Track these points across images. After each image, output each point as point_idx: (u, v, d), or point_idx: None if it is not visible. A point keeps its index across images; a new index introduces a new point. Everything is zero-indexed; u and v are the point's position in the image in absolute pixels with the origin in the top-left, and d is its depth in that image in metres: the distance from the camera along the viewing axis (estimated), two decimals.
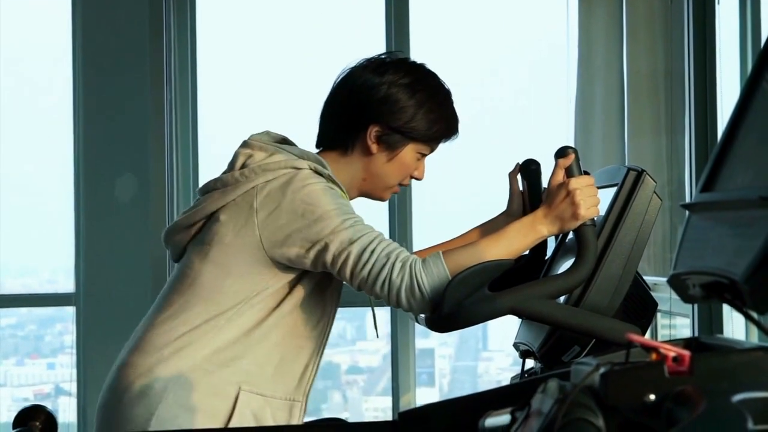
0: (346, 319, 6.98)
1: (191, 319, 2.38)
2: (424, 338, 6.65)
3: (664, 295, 3.90)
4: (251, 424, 2.33)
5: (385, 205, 4.40)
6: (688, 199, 2.67)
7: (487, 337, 7.73)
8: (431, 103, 2.47)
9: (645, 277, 2.50)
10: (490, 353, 7.75)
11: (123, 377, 2.39)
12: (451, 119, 2.51)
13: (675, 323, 4.49)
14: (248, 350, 2.36)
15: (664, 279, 4.05)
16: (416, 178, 2.54)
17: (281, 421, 2.37)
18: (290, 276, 2.38)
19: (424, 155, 2.52)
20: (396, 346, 4.58)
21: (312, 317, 2.42)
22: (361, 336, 7.20)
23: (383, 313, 4.63)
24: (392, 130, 2.45)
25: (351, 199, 2.55)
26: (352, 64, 2.52)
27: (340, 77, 2.52)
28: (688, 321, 4.22)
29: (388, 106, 2.45)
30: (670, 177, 4.33)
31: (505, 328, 2.85)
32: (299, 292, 2.40)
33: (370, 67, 2.49)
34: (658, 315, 4.29)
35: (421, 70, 2.50)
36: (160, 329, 2.39)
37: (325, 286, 2.43)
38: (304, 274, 2.40)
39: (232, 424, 2.32)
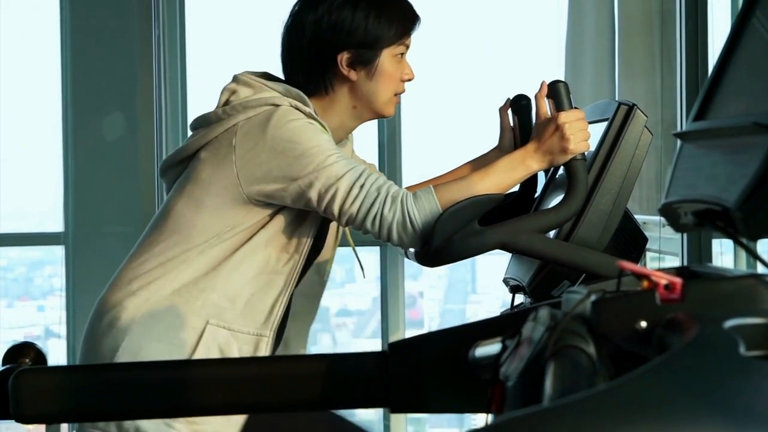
0: (335, 262, 6.99)
1: (162, 253, 2.38)
2: (414, 281, 6.67)
3: (654, 234, 3.91)
4: (216, 356, 2.33)
5: (375, 140, 4.40)
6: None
7: (476, 280, 7.76)
8: (376, 6, 2.43)
9: (635, 216, 2.50)
10: (479, 296, 7.78)
11: (97, 312, 2.42)
12: (405, 8, 2.48)
13: (664, 266, 4.49)
14: (218, 283, 2.36)
15: (654, 217, 4.06)
16: (408, 80, 2.50)
17: (247, 354, 2.37)
18: (264, 213, 2.37)
19: (402, 55, 2.48)
20: (385, 289, 4.58)
21: (285, 252, 2.40)
22: (350, 279, 7.21)
23: (373, 255, 4.62)
24: (358, 49, 2.43)
25: (354, 128, 2.54)
26: (285, 17, 2.49)
27: (284, 32, 2.49)
28: (677, 261, 4.23)
29: (340, 32, 2.42)
30: (662, 117, 4.31)
31: (494, 271, 2.85)
32: (273, 227, 2.38)
33: (302, 8, 2.45)
34: (648, 255, 4.30)
35: None
36: (133, 263, 2.40)
37: (299, 222, 2.41)
38: (279, 211, 2.38)
39: (196, 356, 2.32)
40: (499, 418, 0.88)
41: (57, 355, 4.57)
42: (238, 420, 2.36)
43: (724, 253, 4.36)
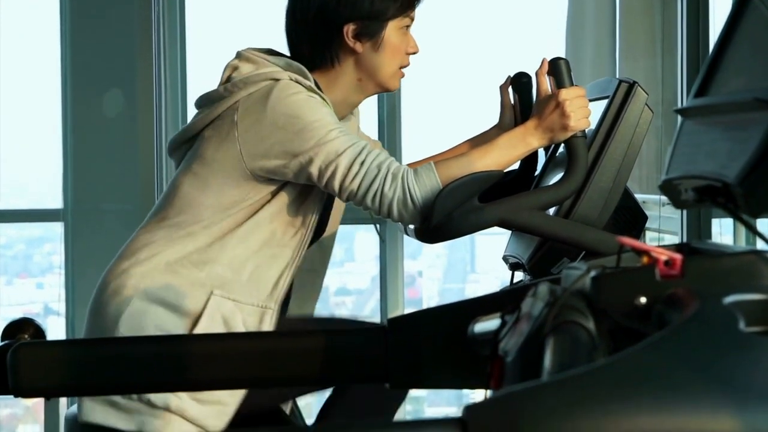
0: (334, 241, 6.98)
1: (168, 228, 2.38)
2: (413, 260, 6.67)
3: (654, 213, 3.91)
4: (220, 327, 2.34)
5: (375, 118, 4.39)
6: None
7: (475, 259, 7.75)
8: None
9: (635, 195, 2.49)
10: (478, 275, 7.78)
11: (101, 283, 2.43)
12: None
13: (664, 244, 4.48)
14: (223, 254, 2.36)
15: (654, 196, 4.05)
16: (413, 53, 2.50)
17: (252, 327, 2.37)
18: (270, 188, 2.38)
19: (408, 27, 2.48)
20: (384, 268, 4.57)
21: (290, 227, 2.41)
22: (349, 258, 7.21)
23: (372, 234, 4.61)
24: (365, 21, 2.42)
25: (359, 103, 2.54)
26: None
27: (288, 5, 2.49)
28: (677, 240, 4.23)
29: (346, 3, 2.42)
30: (663, 97, 4.31)
31: (494, 251, 2.85)
32: (279, 201, 2.39)
33: None
34: (647, 235, 4.30)
35: None
36: (141, 238, 2.42)
37: (304, 197, 2.42)
38: (284, 186, 2.39)
39: (200, 325, 2.32)
40: (498, 393, 0.88)
41: (56, 332, 4.57)
42: (241, 392, 2.37)
43: (723, 234, 4.36)
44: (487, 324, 1.47)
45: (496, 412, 0.86)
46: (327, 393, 2.60)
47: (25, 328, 1.94)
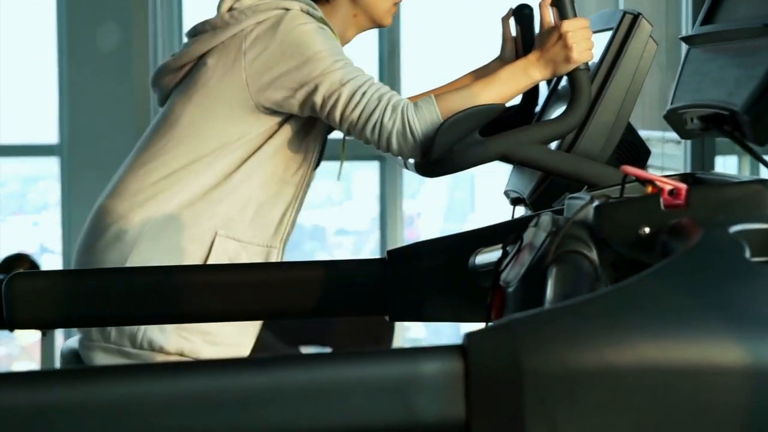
0: (333, 180, 6.98)
1: (169, 163, 2.35)
2: (412, 200, 6.67)
3: (657, 150, 3.89)
4: None
5: (375, 51, 4.36)
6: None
7: (475, 200, 7.76)
8: None
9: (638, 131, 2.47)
10: (477, 215, 7.79)
11: (98, 222, 2.37)
12: None
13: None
14: (227, 195, 2.34)
15: (656, 133, 4.04)
16: None
17: None
18: (273, 121, 2.35)
19: None
20: (384, 208, 4.57)
21: (293, 163, 2.39)
22: (348, 197, 7.21)
23: (372, 173, 4.61)
24: None
25: (353, 38, 2.51)
26: None
27: None
28: None
29: None
30: (667, 33, 4.27)
31: (494, 192, 2.84)
32: (281, 137, 2.37)
33: None
34: (649, 171, 4.28)
35: None
36: (138, 173, 2.36)
37: (307, 132, 2.39)
38: (287, 119, 2.36)
39: None
40: (499, 321, 0.87)
41: None
42: (253, 331, 2.36)
43: (726, 171, 4.35)
44: (489, 255, 1.46)
45: (496, 339, 0.85)
46: None
47: (20, 262, 1.93)
